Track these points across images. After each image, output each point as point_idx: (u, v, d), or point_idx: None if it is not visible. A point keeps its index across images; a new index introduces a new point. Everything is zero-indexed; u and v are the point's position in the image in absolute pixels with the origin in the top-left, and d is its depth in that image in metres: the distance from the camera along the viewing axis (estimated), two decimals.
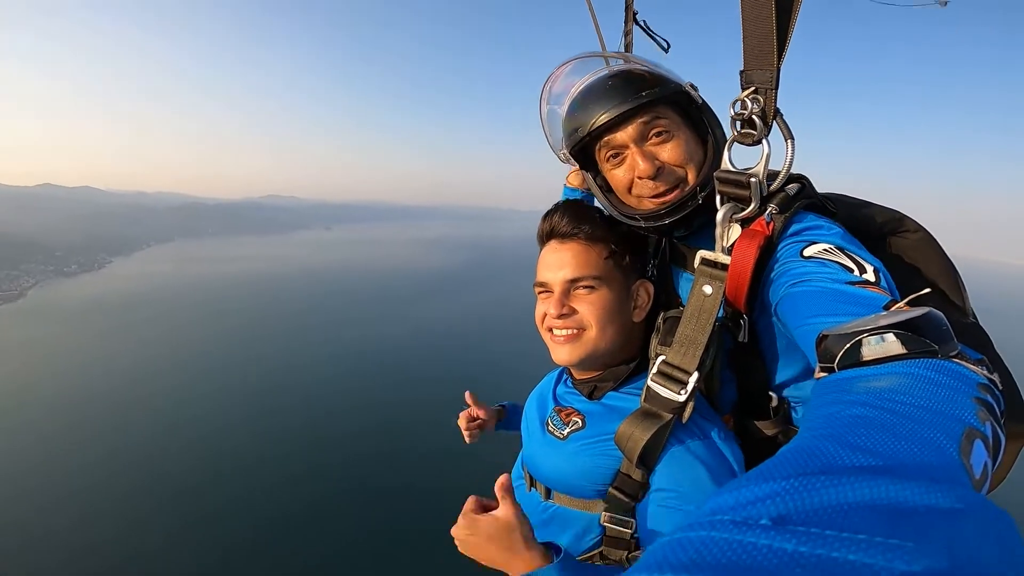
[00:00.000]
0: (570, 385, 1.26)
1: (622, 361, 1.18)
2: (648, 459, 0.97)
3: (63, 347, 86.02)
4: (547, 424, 1.20)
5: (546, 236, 1.23)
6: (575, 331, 1.15)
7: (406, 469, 48.29)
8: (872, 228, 1.10)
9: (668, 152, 1.10)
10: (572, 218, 1.19)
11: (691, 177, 1.11)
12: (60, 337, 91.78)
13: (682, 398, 0.95)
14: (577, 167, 1.28)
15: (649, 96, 1.07)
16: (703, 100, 1.10)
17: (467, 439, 1.76)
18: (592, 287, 1.15)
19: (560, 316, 1.15)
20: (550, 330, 1.19)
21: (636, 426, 0.96)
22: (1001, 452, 0.49)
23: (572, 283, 1.15)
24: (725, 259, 0.97)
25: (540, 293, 1.21)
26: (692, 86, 1.13)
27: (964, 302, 1.05)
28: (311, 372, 74.38)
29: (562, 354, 1.17)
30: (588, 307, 1.14)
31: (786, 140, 0.94)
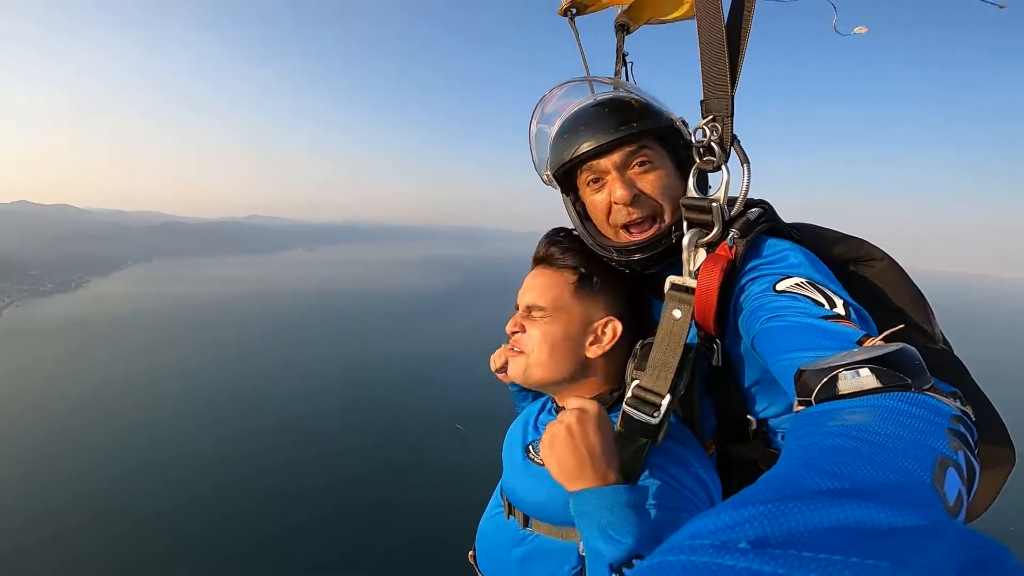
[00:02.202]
0: (554, 413, 1.27)
1: (600, 387, 1.21)
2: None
3: (39, 368, 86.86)
4: (527, 450, 1.21)
5: (533, 261, 1.30)
6: (519, 352, 1.21)
7: (393, 488, 49.72)
8: (837, 257, 1.14)
9: (648, 183, 1.13)
10: (549, 245, 1.24)
11: (667, 213, 1.14)
12: (36, 358, 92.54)
13: (655, 420, 0.97)
14: (558, 189, 1.31)
15: (638, 128, 1.11)
16: (692, 138, 1.10)
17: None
18: (544, 316, 1.18)
19: (512, 334, 1.23)
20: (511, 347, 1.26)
21: None
22: (976, 481, 0.52)
23: (529, 308, 1.21)
24: (692, 283, 1.01)
25: None
26: (683, 122, 1.16)
27: (932, 328, 1.09)
28: (295, 393, 76.11)
29: (508, 369, 1.25)
30: (535, 333, 1.18)
31: (742, 165, 1.01)
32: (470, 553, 1.33)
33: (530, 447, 1.21)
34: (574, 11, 1.74)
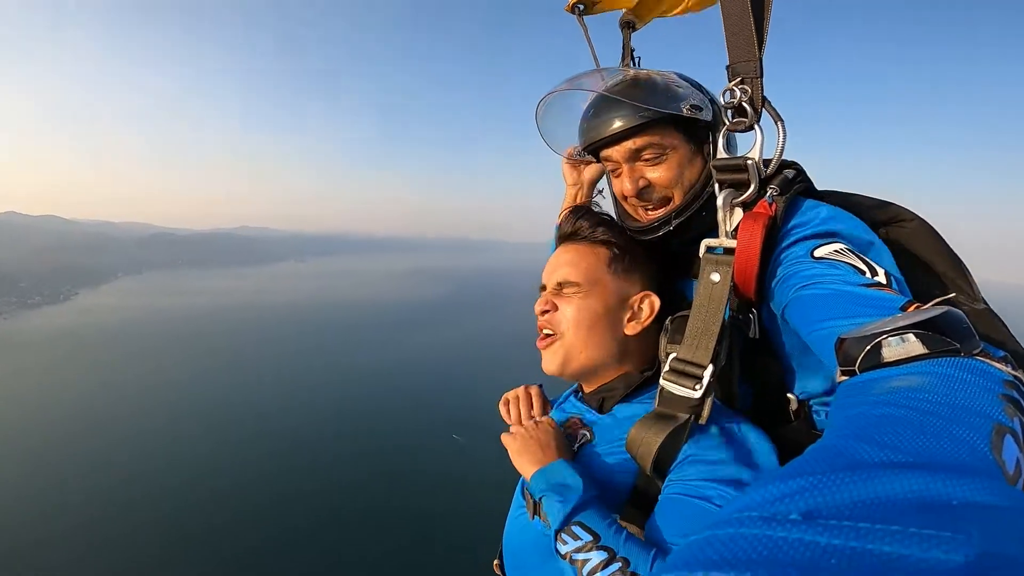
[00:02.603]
0: (580, 400, 1.23)
1: (631, 370, 1.15)
2: (664, 466, 0.93)
3: (31, 379, 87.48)
4: None
5: (558, 239, 1.27)
6: (553, 335, 1.15)
7: (389, 493, 50.54)
8: (866, 219, 1.06)
9: (658, 173, 1.13)
10: (579, 220, 1.21)
11: (677, 198, 1.14)
12: (28, 369, 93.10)
13: (698, 393, 0.91)
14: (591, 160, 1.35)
15: (643, 117, 1.09)
16: (712, 117, 1.09)
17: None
18: (579, 292, 1.14)
19: (543, 313, 1.16)
20: (540, 332, 1.20)
21: (648, 429, 0.92)
22: None
23: (561, 285, 1.16)
24: (731, 243, 0.97)
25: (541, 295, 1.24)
26: (694, 107, 1.11)
27: (972, 288, 1.04)
28: (288, 403, 76.83)
29: (544, 362, 1.17)
30: (570, 310, 1.13)
31: (776, 123, 0.98)
32: (495, 563, 1.27)
33: None
34: (581, 7, 1.73)
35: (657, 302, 1.14)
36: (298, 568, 40.87)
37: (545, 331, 1.16)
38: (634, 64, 1.65)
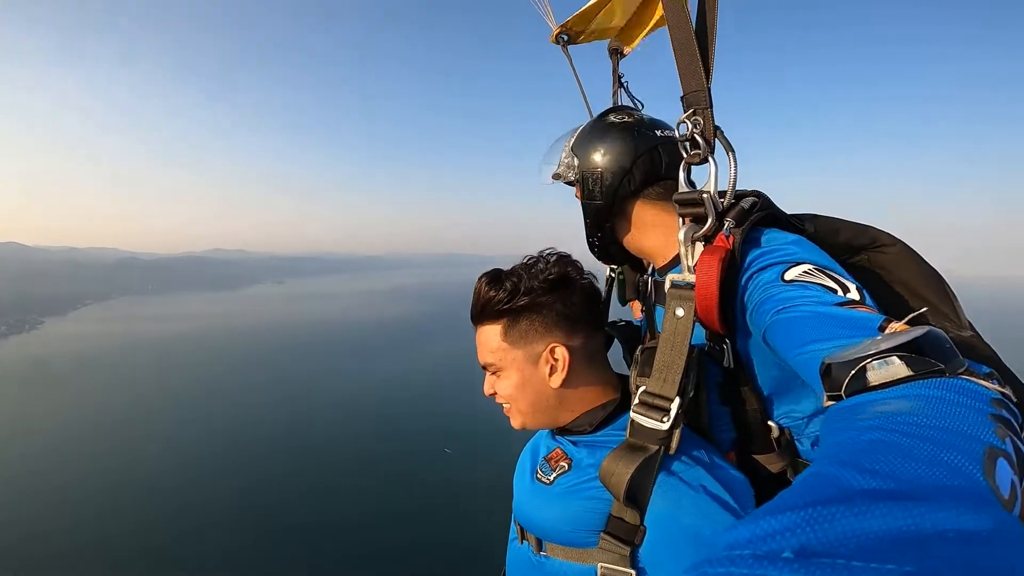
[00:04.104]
0: (554, 437, 1.27)
1: (590, 407, 1.19)
2: (638, 497, 0.95)
3: (1, 408, 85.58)
4: (536, 472, 1.20)
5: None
6: (508, 406, 1.22)
7: (380, 527, 49.24)
8: (846, 245, 1.11)
9: None
10: (473, 305, 1.23)
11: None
12: None
13: (666, 426, 0.94)
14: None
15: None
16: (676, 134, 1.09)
17: None
18: (497, 370, 1.19)
19: (491, 395, 1.24)
20: None
21: (619, 460, 0.95)
22: None
23: (485, 368, 1.22)
24: (691, 278, 0.99)
25: None
26: (556, 176, 1.36)
27: (958, 314, 1.03)
28: (273, 431, 76.01)
29: (512, 423, 1.24)
30: (501, 387, 1.20)
31: (728, 153, 1.01)
32: None
33: (539, 469, 1.20)
34: (565, 38, 1.80)
35: (564, 351, 1.15)
36: None
37: (501, 404, 1.23)
38: (622, 88, 1.74)
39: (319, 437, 72.80)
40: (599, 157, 1.25)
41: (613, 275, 1.52)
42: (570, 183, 1.35)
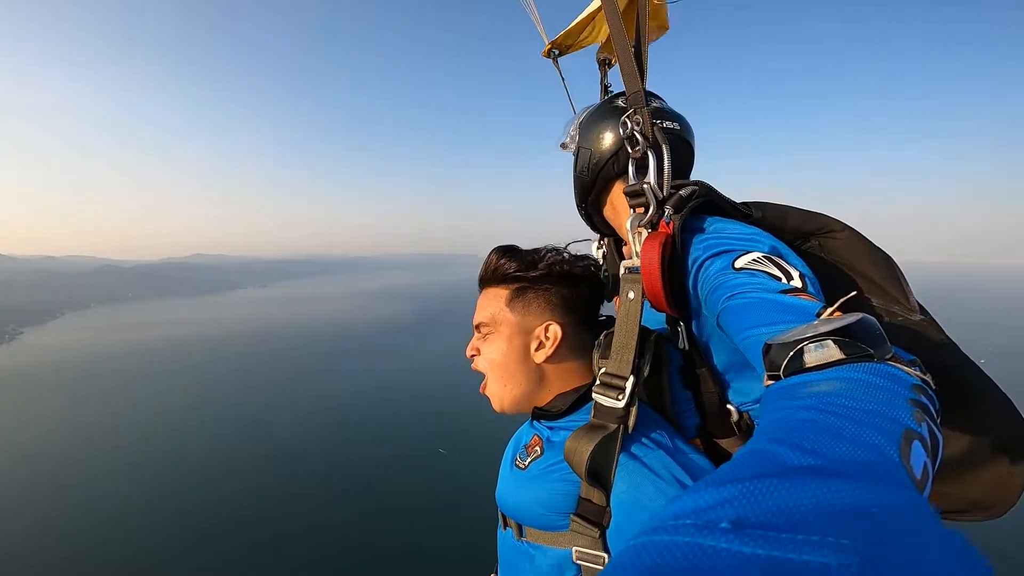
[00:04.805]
0: (533, 423, 1.31)
1: (563, 390, 1.23)
2: (600, 475, 0.99)
3: None
4: (516, 459, 1.25)
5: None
6: (484, 379, 1.25)
7: (374, 531, 49.06)
8: (795, 230, 1.15)
9: None
10: (486, 267, 1.29)
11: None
12: None
13: (621, 403, 0.99)
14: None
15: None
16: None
17: None
18: (489, 331, 1.24)
19: (471, 356, 1.29)
20: None
21: (580, 439, 0.99)
22: (940, 452, 0.54)
23: (477, 327, 1.27)
24: (636, 262, 1.07)
25: None
26: (563, 146, 1.47)
27: (907, 296, 1.07)
28: (265, 436, 75.39)
29: (492, 402, 1.27)
30: (486, 349, 1.24)
31: (662, 146, 1.14)
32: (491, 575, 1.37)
33: (518, 456, 1.24)
34: (556, 52, 1.96)
35: (559, 331, 1.20)
36: None
37: (478, 370, 1.27)
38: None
39: (312, 440, 72.49)
40: (594, 136, 1.33)
41: (600, 273, 1.53)
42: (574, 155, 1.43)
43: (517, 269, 1.23)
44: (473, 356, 1.28)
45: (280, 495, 56.13)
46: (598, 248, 1.55)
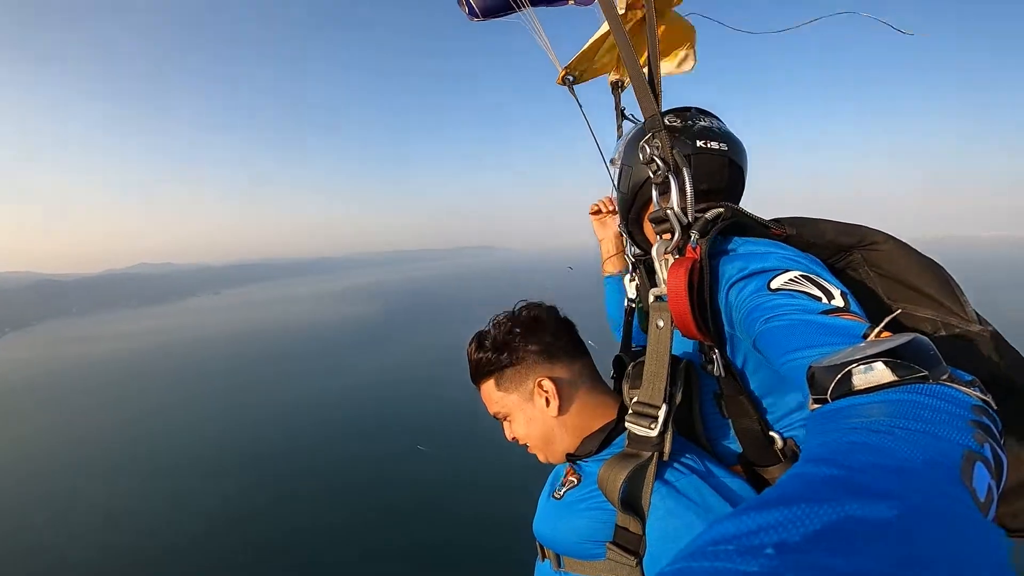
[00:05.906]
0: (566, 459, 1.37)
1: (594, 427, 1.29)
2: (634, 503, 1.00)
3: None
4: (553, 491, 1.28)
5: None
6: (530, 446, 1.35)
7: (360, 529, 48.16)
8: (833, 244, 1.13)
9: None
10: (469, 366, 1.36)
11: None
12: None
13: (654, 432, 1.01)
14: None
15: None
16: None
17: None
18: (505, 417, 1.34)
19: (514, 440, 1.37)
20: None
21: (614, 467, 1.01)
22: (1004, 474, 0.51)
23: (496, 418, 1.36)
24: (664, 290, 1.05)
25: None
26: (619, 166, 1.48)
27: (963, 306, 1.00)
28: (233, 444, 73.80)
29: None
30: (518, 433, 1.33)
31: (682, 170, 1.11)
32: None
33: (555, 488, 1.28)
34: (571, 79, 1.98)
35: (549, 382, 1.27)
36: None
37: (524, 445, 1.36)
38: (625, 120, 1.94)
39: (284, 444, 71.12)
40: (634, 155, 1.30)
41: (633, 305, 1.56)
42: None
43: (489, 361, 1.31)
44: (515, 440, 1.36)
45: (255, 500, 55.26)
46: (631, 280, 1.56)
